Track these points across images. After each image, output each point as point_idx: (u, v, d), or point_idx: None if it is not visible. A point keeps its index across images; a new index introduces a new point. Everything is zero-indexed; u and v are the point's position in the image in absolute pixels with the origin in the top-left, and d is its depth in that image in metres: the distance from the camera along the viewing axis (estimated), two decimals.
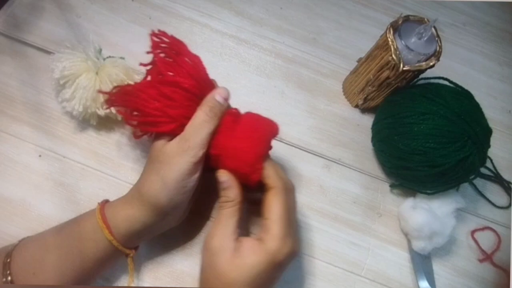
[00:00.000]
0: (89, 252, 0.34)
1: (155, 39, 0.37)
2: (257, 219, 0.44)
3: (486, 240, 0.48)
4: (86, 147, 0.46)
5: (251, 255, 0.31)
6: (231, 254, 0.32)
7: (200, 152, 0.34)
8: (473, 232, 0.48)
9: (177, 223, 0.38)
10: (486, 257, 0.47)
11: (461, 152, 0.40)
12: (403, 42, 0.41)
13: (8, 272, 0.33)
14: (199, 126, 0.34)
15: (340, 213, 0.47)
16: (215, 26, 0.54)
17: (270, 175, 0.34)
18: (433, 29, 0.41)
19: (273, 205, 0.33)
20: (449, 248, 0.47)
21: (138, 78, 0.44)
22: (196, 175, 0.35)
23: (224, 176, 0.35)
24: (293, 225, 0.34)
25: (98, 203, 0.37)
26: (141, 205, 0.34)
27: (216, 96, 0.36)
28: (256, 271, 0.31)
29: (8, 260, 0.33)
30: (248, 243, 0.32)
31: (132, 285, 0.37)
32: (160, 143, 0.35)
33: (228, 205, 0.34)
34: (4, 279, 0.33)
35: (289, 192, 0.35)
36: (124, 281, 0.40)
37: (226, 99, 0.36)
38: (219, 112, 0.35)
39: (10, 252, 0.34)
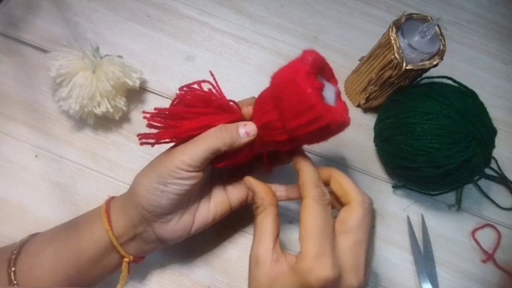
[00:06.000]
0: (84, 244, 0.33)
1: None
2: None
3: (487, 238, 0.47)
4: (83, 147, 0.45)
5: (284, 273, 0.29)
6: (268, 266, 0.30)
7: (191, 164, 0.31)
8: (473, 232, 0.47)
9: (178, 236, 0.35)
10: (488, 256, 0.46)
11: (465, 152, 0.39)
12: (406, 40, 0.40)
13: (13, 269, 0.32)
14: (201, 139, 0.32)
15: None
16: (214, 24, 0.54)
17: (350, 186, 0.33)
18: (436, 27, 0.41)
19: (353, 218, 0.31)
20: (452, 250, 0.46)
21: (135, 76, 0.44)
22: (180, 181, 0.32)
23: (247, 181, 0.34)
24: (361, 254, 0.30)
25: (108, 196, 0.37)
26: (131, 201, 0.33)
27: (240, 129, 0.33)
28: None
29: (13, 256, 0.32)
30: (288, 257, 0.30)
31: None
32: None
33: (258, 210, 0.32)
34: (8, 276, 0.32)
35: (368, 213, 0.32)
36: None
37: (248, 135, 0.33)
38: (231, 141, 0.32)
39: (17, 247, 0.33)
